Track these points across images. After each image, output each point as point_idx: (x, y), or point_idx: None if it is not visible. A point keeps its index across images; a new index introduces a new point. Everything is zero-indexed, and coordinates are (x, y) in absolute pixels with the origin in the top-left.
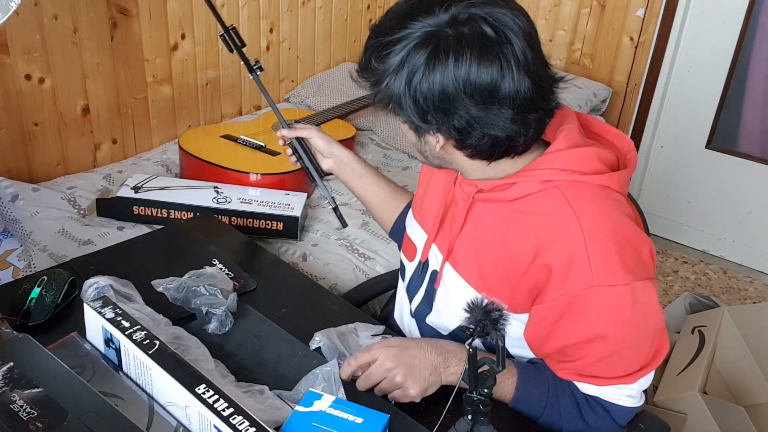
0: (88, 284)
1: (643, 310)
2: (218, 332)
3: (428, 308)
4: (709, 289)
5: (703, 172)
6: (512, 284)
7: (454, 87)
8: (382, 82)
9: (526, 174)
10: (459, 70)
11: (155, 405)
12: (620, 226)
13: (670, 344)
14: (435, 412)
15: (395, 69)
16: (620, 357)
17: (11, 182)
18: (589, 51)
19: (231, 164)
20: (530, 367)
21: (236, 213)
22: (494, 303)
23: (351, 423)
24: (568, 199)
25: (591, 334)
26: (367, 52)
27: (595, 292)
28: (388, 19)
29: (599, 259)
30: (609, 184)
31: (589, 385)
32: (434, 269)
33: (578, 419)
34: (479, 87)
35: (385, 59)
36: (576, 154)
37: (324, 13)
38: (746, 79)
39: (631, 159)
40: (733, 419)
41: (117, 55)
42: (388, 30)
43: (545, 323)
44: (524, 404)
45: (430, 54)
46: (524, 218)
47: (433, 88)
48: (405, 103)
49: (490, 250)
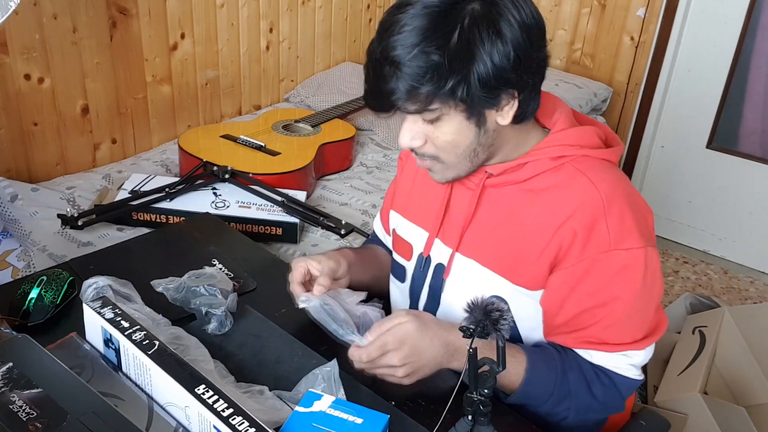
0: (87, 284)
1: (652, 276)
2: (218, 332)
3: (435, 303)
4: (710, 290)
5: (703, 172)
6: (532, 260)
7: (528, 23)
8: (453, 71)
9: (537, 152)
10: (521, 13)
11: (155, 405)
12: (632, 194)
13: (671, 344)
14: (435, 412)
15: (463, 47)
16: (630, 322)
17: (10, 182)
18: (590, 51)
19: (231, 164)
20: (536, 349)
21: (235, 219)
22: (494, 303)
23: (351, 423)
24: (582, 171)
25: (606, 297)
26: (413, 52)
27: (613, 255)
28: (399, 14)
29: (616, 224)
30: (611, 159)
31: (598, 353)
32: (438, 262)
33: (587, 393)
34: (539, 22)
35: (444, 43)
36: (580, 132)
37: (324, 13)
38: (747, 78)
39: (614, 139)
40: (734, 420)
41: (116, 54)
42: (416, 18)
43: (564, 289)
44: (534, 386)
45: (485, 13)
46: (539, 196)
47: (510, 37)
48: (480, 77)
49: (505, 232)
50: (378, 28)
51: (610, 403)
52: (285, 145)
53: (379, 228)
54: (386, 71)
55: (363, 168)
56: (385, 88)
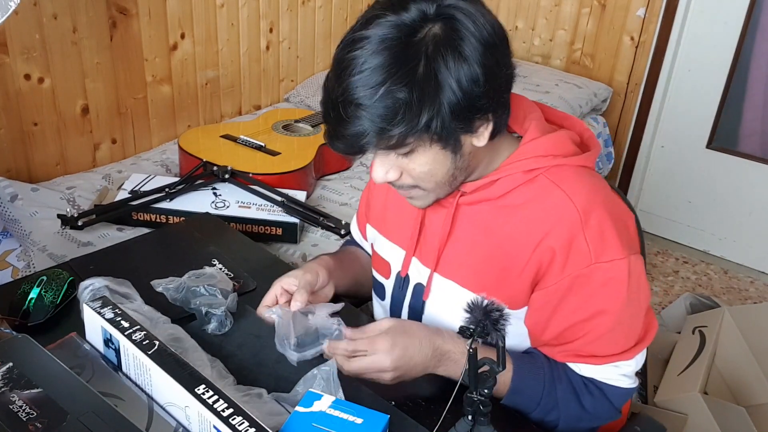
0: (84, 286)
1: (637, 283)
2: (218, 332)
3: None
4: (710, 290)
5: (703, 172)
6: (512, 278)
7: (491, 41)
8: (423, 105)
9: (508, 167)
10: (481, 30)
11: (155, 405)
12: (610, 202)
13: (671, 344)
14: (435, 412)
15: (431, 79)
16: (618, 332)
17: (10, 182)
18: (590, 51)
19: (231, 164)
20: (525, 356)
21: (235, 219)
22: (494, 303)
23: (351, 423)
24: (556, 183)
25: (592, 311)
26: (379, 92)
27: (596, 269)
28: (354, 50)
29: (596, 236)
30: (586, 164)
31: (587, 366)
32: (417, 282)
33: (576, 405)
34: (501, 35)
35: (410, 79)
36: (552, 140)
37: (324, 13)
38: (747, 78)
39: (590, 138)
40: (734, 420)
41: (116, 54)
42: (376, 54)
43: (548, 307)
44: (521, 395)
45: (445, 38)
46: (515, 212)
47: (474, 59)
48: (452, 106)
49: (484, 251)
50: (333, 66)
51: (601, 414)
52: (285, 145)
53: (357, 233)
54: (350, 113)
55: (363, 168)
56: (351, 131)
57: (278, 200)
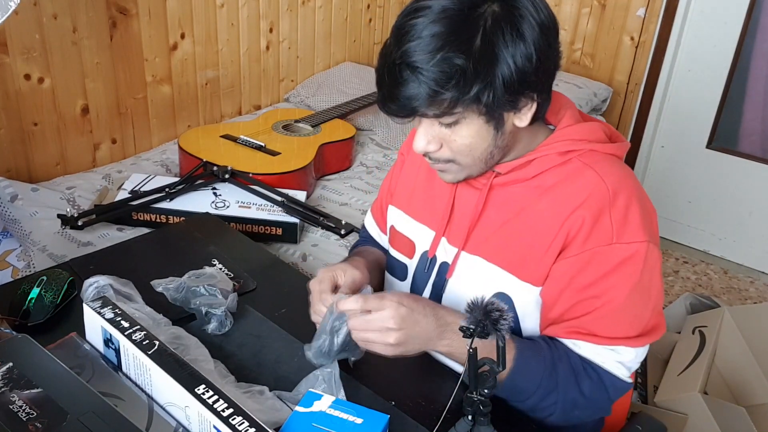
0: (88, 283)
1: (650, 272)
2: (218, 332)
3: (437, 302)
4: (710, 290)
5: (703, 172)
6: (540, 254)
7: (547, 24)
8: (478, 75)
9: (544, 149)
10: (540, 14)
11: (155, 405)
12: (639, 191)
13: (671, 344)
14: (435, 412)
15: (487, 51)
16: (622, 316)
17: (10, 182)
18: (590, 50)
19: (231, 164)
20: (526, 340)
21: (235, 219)
22: (494, 303)
23: (351, 423)
24: (589, 165)
25: (602, 288)
26: (435, 57)
27: (614, 249)
28: (417, 19)
29: (621, 217)
30: (618, 154)
31: (585, 344)
32: (443, 261)
33: (574, 387)
34: (555, 22)
35: (467, 48)
36: (586, 128)
37: (324, 13)
38: (747, 78)
39: (618, 136)
40: (734, 420)
41: (116, 54)
42: (436, 22)
43: (564, 278)
44: (522, 375)
45: (505, 15)
46: (547, 193)
47: (531, 39)
48: (505, 80)
49: (513, 229)
50: (393, 33)
51: (596, 401)
52: (285, 145)
53: (373, 226)
54: (406, 76)
55: (363, 168)
56: (405, 93)
57: (278, 200)
